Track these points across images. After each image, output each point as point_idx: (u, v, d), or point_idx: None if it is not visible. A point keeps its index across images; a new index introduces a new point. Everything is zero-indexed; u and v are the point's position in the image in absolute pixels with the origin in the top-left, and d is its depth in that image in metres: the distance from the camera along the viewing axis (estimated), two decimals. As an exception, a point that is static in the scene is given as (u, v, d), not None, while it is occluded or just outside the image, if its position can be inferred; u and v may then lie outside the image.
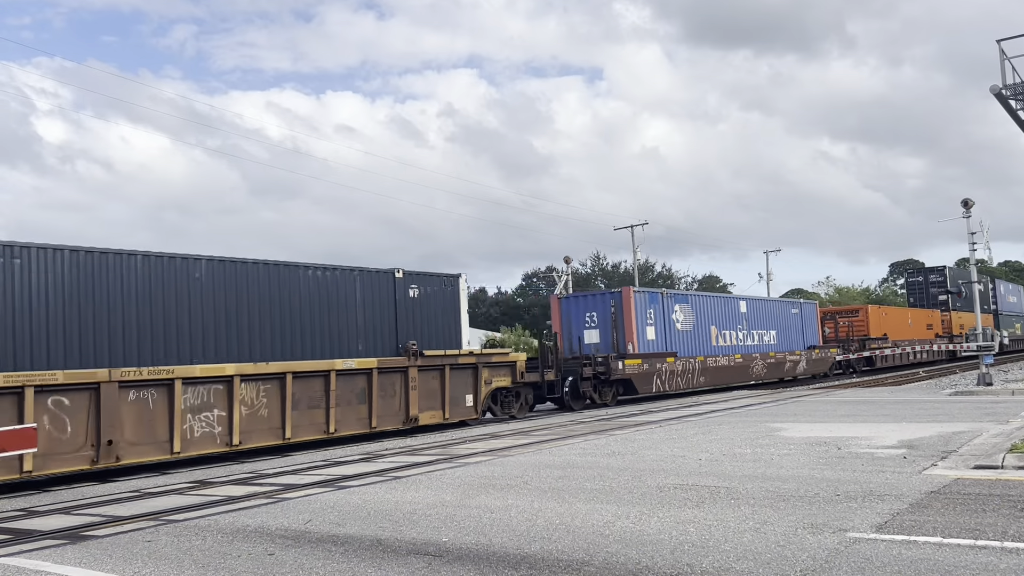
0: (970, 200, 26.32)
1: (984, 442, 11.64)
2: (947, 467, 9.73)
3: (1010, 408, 17.19)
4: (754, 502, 8.12)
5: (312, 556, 6.82)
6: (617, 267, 75.56)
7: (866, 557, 5.89)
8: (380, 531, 7.67)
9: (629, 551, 6.40)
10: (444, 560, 6.44)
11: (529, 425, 19.21)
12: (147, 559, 7.05)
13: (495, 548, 6.75)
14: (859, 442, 12.40)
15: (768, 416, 17.99)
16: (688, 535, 6.85)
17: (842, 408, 19.31)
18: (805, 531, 6.78)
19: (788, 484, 9.03)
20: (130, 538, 8.02)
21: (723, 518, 7.45)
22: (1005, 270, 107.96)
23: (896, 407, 18.76)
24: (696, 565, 5.91)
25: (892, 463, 10.16)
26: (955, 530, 6.55)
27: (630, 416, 20.31)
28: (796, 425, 15.62)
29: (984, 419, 14.90)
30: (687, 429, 15.90)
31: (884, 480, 9.00)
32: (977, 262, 28.66)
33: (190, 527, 8.42)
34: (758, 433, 14.44)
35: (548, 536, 7.08)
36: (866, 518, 7.14)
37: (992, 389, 23.10)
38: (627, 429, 16.61)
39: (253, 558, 6.86)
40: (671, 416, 19.51)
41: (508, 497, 9.15)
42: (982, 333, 26.34)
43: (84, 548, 7.65)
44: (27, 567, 6.99)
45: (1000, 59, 15.69)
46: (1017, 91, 15.63)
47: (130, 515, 9.41)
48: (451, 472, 11.56)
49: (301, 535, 7.71)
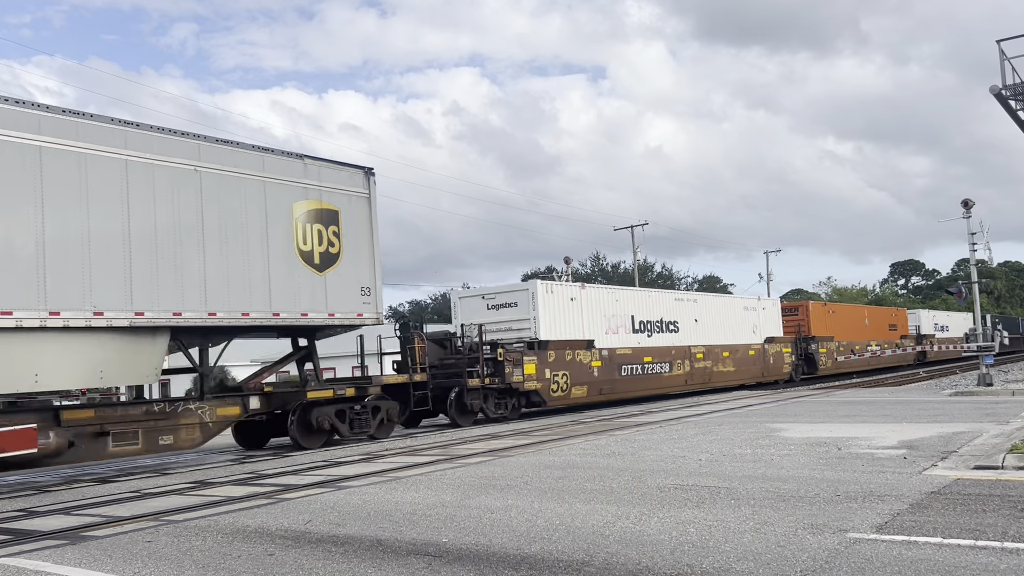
0: (970, 200, 26.33)
1: (984, 442, 11.64)
2: (947, 467, 9.72)
3: (1010, 408, 17.19)
4: (754, 502, 8.12)
5: (312, 556, 6.82)
6: (617, 267, 75.62)
7: (866, 557, 5.89)
8: (380, 531, 7.67)
9: (629, 551, 6.40)
10: (444, 560, 6.44)
11: (529, 425, 19.21)
12: (147, 559, 7.05)
13: (495, 548, 6.75)
14: (859, 442, 12.40)
15: (768, 416, 18.00)
16: (688, 535, 6.85)
17: (842, 408, 19.32)
18: (805, 531, 6.78)
19: (788, 484, 9.03)
20: (130, 538, 8.02)
21: (723, 518, 7.45)
22: (1005, 270, 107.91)
23: (896, 407, 18.76)
24: (696, 565, 5.91)
25: (892, 463, 10.16)
26: (955, 530, 6.54)
27: (630, 416, 20.31)
28: (796, 425, 15.62)
29: (984, 419, 14.90)
30: (687, 430, 15.90)
31: (884, 480, 9.00)
32: (977, 262, 28.66)
33: (190, 527, 8.42)
34: (758, 433, 14.44)
35: (548, 536, 7.08)
36: (866, 518, 7.13)
37: (992, 389, 23.10)
38: (627, 429, 16.62)
39: (253, 558, 6.86)
40: (671, 416, 19.52)
41: (508, 497, 9.15)
42: (983, 333, 26.31)
43: (84, 548, 7.65)
44: (27, 567, 6.99)
45: (1000, 59, 15.69)
46: (1017, 91, 15.63)
47: (130, 515, 9.41)
48: (451, 472, 11.56)
49: (301, 535, 7.71)
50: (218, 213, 14.94)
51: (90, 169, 13.22)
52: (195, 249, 14.53)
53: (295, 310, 16.05)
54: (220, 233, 14.94)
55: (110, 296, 13.31)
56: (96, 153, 13.33)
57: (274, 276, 15.74)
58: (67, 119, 13.09)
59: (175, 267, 14.23)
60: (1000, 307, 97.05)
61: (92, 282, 13.09)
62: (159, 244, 14.03)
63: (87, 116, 13.43)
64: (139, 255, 13.73)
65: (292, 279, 16.05)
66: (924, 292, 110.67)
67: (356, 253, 17.33)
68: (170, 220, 14.22)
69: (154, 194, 14.05)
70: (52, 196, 12.73)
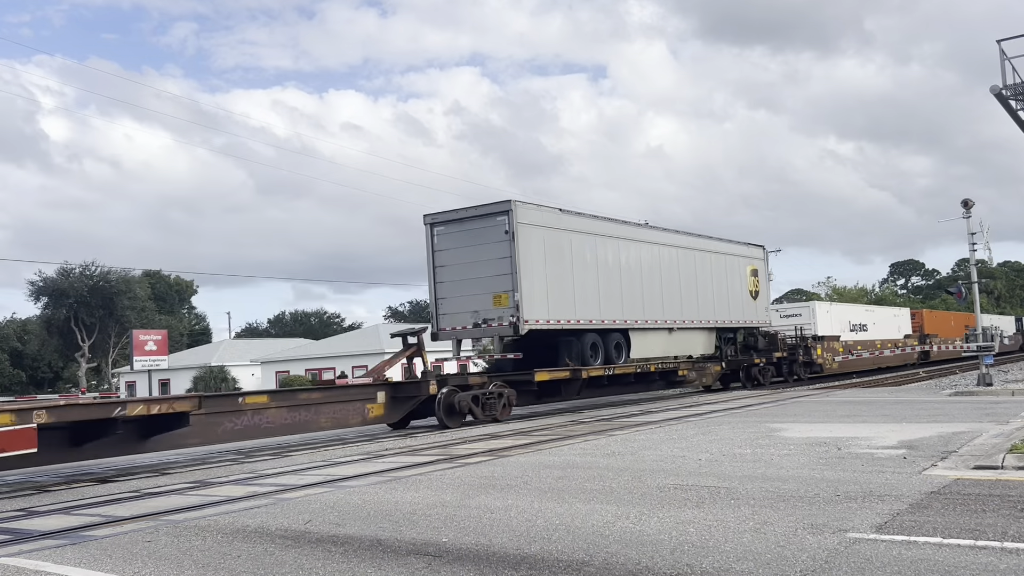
0: (970, 200, 26.32)
1: (984, 442, 11.64)
2: (947, 467, 9.73)
3: (1010, 408, 17.19)
4: (754, 502, 8.12)
5: (312, 556, 6.82)
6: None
7: (866, 557, 5.89)
8: (380, 531, 7.67)
9: (629, 551, 6.40)
10: (444, 560, 6.44)
11: (528, 425, 19.20)
12: (147, 559, 7.05)
13: (495, 548, 6.75)
14: (859, 442, 12.40)
15: (768, 416, 18.00)
16: (688, 535, 6.85)
17: (842, 408, 19.32)
18: (805, 531, 6.78)
19: (788, 484, 9.03)
20: (130, 538, 8.02)
21: (723, 518, 7.45)
22: (1005, 270, 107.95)
23: (896, 407, 18.76)
24: (696, 565, 5.91)
25: (892, 463, 10.16)
26: (955, 530, 6.55)
27: (630, 416, 20.31)
28: (796, 425, 15.62)
29: (984, 419, 14.90)
30: (687, 429, 15.90)
31: (884, 480, 9.00)
32: (977, 262, 28.66)
33: (190, 527, 8.42)
34: (758, 433, 14.44)
35: (548, 536, 7.08)
36: (866, 518, 7.13)
37: (992, 389, 23.10)
38: (627, 429, 16.62)
39: (253, 558, 6.86)
40: (671, 416, 19.52)
41: (508, 497, 9.15)
42: (982, 333, 26.32)
43: (84, 548, 7.65)
44: (27, 567, 6.99)
45: (1000, 59, 15.69)
46: (1017, 91, 15.63)
47: (130, 515, 9.41)
48: (451, 472, 11.56)
49: (301, 535, 7.71)
50: (716, 271, 29.33)
51: (674, 254, 27.13)
52: (709, 288, 28.82)
53: (745, 319, 31.20)
54: (718, 280, 29.40)
55: (697, 313, 28.00)
56: (667, 246, 26.90)
57: (738, 302, 30.72)
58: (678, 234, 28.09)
59: (706, 297, 28.56)
60: (1000, 307, 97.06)
61: (674, 305, 26.89)
62: (698, 285, 28.11)
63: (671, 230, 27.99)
64: (687, 292, 27.57)
65: (744, 303, 31.04)
66: (924, 292, 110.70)
67: (764, 290, 33.18)
68: (704, 274, 28.60)
69: (695, 263, 28.15)
70: (672, 268, 26.81)
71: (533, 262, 20.73)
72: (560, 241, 21.81)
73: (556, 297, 21.43)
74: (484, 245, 20.71)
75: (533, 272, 20.68)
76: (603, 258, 23.43)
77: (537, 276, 20.82)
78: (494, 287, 20.48)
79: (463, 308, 21.17)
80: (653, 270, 25.56)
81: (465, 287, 21.12)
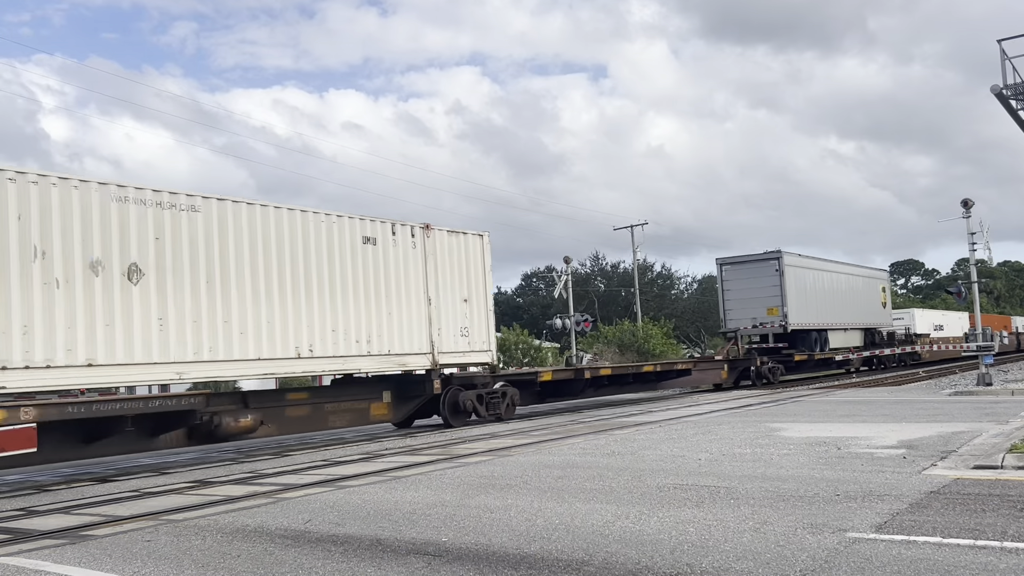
0: (970, 200, 26.33)
1: (984, 442, 11.65)
2: (947, 467, 9.73)
3: (1010, 408, 17.20)
4: (754, 502, 8.12)
5: (312, 556, 6.82)
6: (616, 267, 75.57)
7: (866, 557, 5.89)
8: (380, 531, 7.67)
9: (629, 551, 6.40)
10: (444, 560, 6.44)
11: (529, 425, 19.22)
12: (147, 559, 7.05)
13: (495, 548, 6.75)
14: (859, 442, 12.40)
15: (768, 416, 18.00)
16: (688, 535, 6.85)
17: (841, 408, 19.32)
18: (805, 531, 6.78)
19: (788, 484, 9.04)
20: (130, 538, 8.02)
21: (723, 518, 7.45)
22: (1005, 270, 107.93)
23: (895, 407, 18.77)
24: (696, 565, 5.92)
25: (892, 463, 10.17)
26: (955, 530, 6.55)
27: (629, 416, 20.32)
28: (795, 425, 15.62)
29: (984, 419, 14.90)
30: (687, 429, 15.90)
31: (884, 480, 9.01)
32: (977, 262, 28.66)
33: (190, 527, 8.42)
34: (758, 433, 14.44)
35: (548, 536, 7.08)
36: (866, 518, 7.14)
37: (992, 389, 23.10)
38: (627, 429, 16.62)
39: (253, 558, 6.86)
40: (671, 416, 19.52)
41: (508, 497, 9.16)
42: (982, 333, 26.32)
43: (84, 548, 7.66)
44: (27, 567, 6.99)
45: (1000, 59, 15.69)
46: (1018, 91, 15.64)
47: (130, 515, 9.41)
48: (451, 472, 11.56)
49: (301, 535, 7.72)
50: (866, 289, 40.60)
51: (845, 279, 38.85)
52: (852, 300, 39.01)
53: (879, 323, 41.98)
54: (866, 296, 40.71)
55: (856, 318, 39.65)
56: (842, 274, 38.95)
57: (876, 310, 41.76)
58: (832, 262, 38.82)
59: (860, 307, 39.75)
60: (1000, 307, 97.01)
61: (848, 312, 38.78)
62: (856, 299, 39.67)
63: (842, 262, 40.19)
64: (852, 304, 39.00)
65: (878, 312, 42.23)
66: (924, 292, 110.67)
67: (888, 302, 43.81)
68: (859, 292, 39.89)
69: (856, 284, 39.85)
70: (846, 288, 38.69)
71: (792, 287, 33.80)
72: (803, 275, 35.10)
73: (802, 308, 34.44)
74: (760, 278, 33.64)
75: (793, 293, 33.83)
76: (820, 283, 36.38)
77: (793, 295, 33.77)
78: (768, 304, 33.50)
79: (745, 316, 33.94)
80: (838, 290, 38.04)
81: (746, 303, 33.97)
